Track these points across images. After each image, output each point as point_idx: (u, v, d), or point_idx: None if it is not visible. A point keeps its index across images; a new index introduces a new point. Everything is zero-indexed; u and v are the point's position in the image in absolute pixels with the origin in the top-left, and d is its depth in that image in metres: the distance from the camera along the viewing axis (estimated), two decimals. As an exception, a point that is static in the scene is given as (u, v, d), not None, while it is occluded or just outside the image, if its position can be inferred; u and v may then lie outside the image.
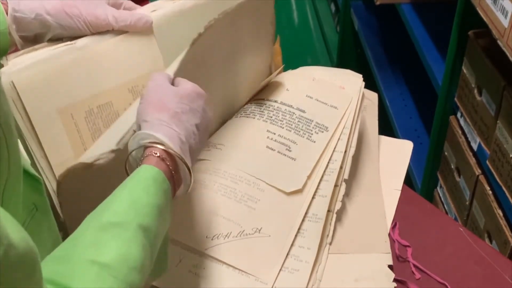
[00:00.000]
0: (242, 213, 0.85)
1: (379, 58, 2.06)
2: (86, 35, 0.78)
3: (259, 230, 0.83)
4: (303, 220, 0.84)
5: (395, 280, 0.82)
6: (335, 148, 0.91)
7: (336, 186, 0.88)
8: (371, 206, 0.92)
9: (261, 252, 0.82)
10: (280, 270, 0.80)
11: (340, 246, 0.86)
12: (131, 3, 0.83)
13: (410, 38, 1.64)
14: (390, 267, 0.84)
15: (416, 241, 0.89)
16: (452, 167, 1.46)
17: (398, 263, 0.85)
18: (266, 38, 1.01)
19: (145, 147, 0.64)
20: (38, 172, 0.76)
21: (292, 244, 0.83)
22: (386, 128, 1.02)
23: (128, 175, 0.63)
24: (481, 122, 1.29)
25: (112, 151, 0.69)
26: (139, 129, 0.66)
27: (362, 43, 2.15)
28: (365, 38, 2.11)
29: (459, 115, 1.41)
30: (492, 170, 1.23)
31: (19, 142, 0.78)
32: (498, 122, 1.20)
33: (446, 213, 1.50)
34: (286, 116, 0.95)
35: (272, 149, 0.91)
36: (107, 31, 0.80)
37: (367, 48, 2.09)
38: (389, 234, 0.89)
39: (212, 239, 0.82)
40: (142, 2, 0.89)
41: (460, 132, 1.41)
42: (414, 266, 0.86)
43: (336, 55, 2.40)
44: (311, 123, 0.94)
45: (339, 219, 0.88)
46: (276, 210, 0.85)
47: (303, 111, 0.96)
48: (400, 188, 0.96)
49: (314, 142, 0.92)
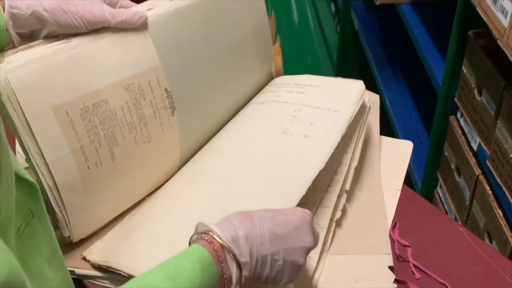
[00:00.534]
0: None
1: (379, 58, 2.06)
2: (82, 32, 0.78)
3: None
4: None
5: (395, 280, 0.82)
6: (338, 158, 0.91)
7: (338, 196, 0.88)
8: (372, 207, 0.91)
9: None
10: None
11: (340, 247, 0.86)
12: (126, 2, 0.83)
13: (410, 38, 1.63)
14: (391, 268, 0.84)
15: (416, 241, 0.89)
16: (452, 167, 1.46)
17: (398, 263, 0.85)
18: (265, 39, 1.01)
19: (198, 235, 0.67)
20: (37, 175, 0.76)
21: None
22: (386, 128, 1.02)
23: None
24: (481, 122, 1.29)
25: None
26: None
27: (362, 43, 2.14)
28: (365, 38, 2.11)
29: (459, 115, 1.41)
30: (492, 170, 1.23)
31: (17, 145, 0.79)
32: (498, 122, 1.20)
33: (446, 213, 1.50)
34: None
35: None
36: (103, 29, 0.80)
37: (367, 48, 2.09)
38: (389, 234, 0.89)
39: None
40: (139, 0, 0.88)
41: (460, 132, 1.41)
42: (414, 266, 0.86)
43: (336, 55, 2.39)
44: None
45: (339, 219, 0.88)
46: None
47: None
48: (400, 188, 0.96)
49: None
